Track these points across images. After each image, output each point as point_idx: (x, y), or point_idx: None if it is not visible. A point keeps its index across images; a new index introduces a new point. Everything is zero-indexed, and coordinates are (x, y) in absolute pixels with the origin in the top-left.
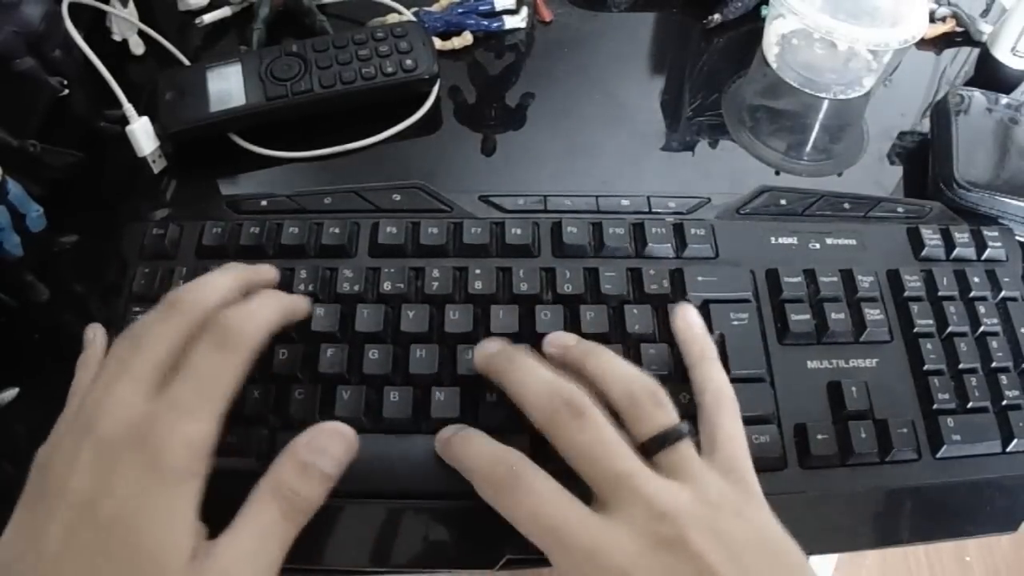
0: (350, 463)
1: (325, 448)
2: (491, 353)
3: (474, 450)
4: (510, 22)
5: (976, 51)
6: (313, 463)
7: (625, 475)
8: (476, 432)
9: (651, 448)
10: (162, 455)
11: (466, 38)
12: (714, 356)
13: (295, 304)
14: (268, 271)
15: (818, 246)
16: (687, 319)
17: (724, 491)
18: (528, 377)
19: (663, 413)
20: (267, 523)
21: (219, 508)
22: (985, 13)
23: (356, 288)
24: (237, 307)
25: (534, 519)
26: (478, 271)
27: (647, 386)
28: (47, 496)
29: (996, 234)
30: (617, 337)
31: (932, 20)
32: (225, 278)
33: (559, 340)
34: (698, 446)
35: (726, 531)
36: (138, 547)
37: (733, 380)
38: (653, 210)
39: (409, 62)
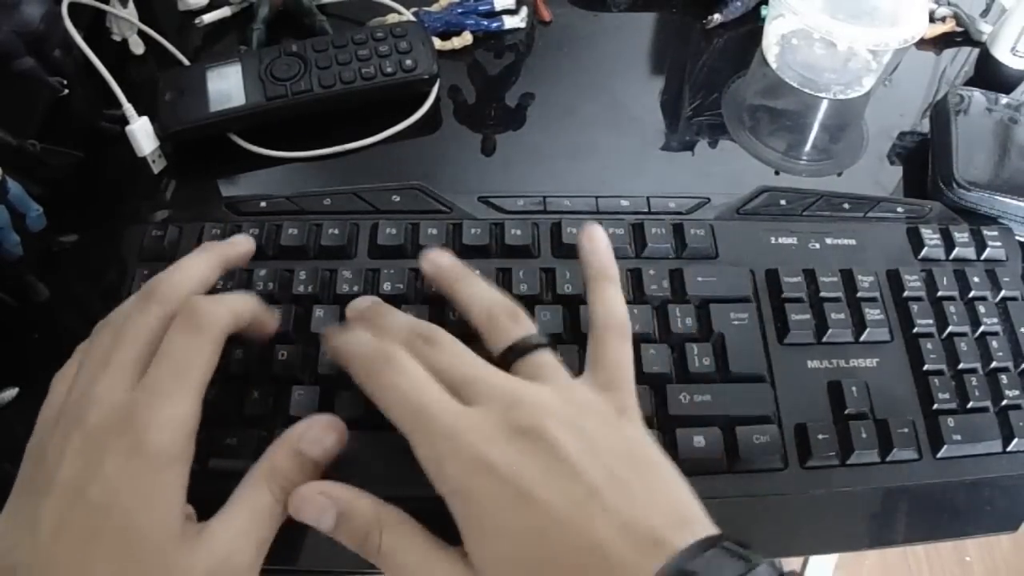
0: (347, 460)
1: (319, 439)
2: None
3: (354, 338)
4: (510, 22)
5: (976, 51)
6: (306, 452)
7: (482, 375)
8: (359, 327)
9: (507, 358)
10: (145, 438)
11: (466, 38)
12: (614, 278)
13: (266, 314)
14: (242, 242)
15: (818, 246)
16: (592, 237)
17: (592, 399)
18: (386, 321)
19: (519, 326)
20: (260, 505)
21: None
22: (985, 13)
23: (356, 289)
24: (209, 295)
25: (402, 400)
26: (478, 272)
27: (505, 305)
28: (38, 485)
29: (996, 234)
30: None
31: (932, 20)
32: (199, 262)
33: (433, 257)
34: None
35: (588, 429)
36: (128, 528)
37: (733, 380)
38: (653, 210)
39: (409, 62)
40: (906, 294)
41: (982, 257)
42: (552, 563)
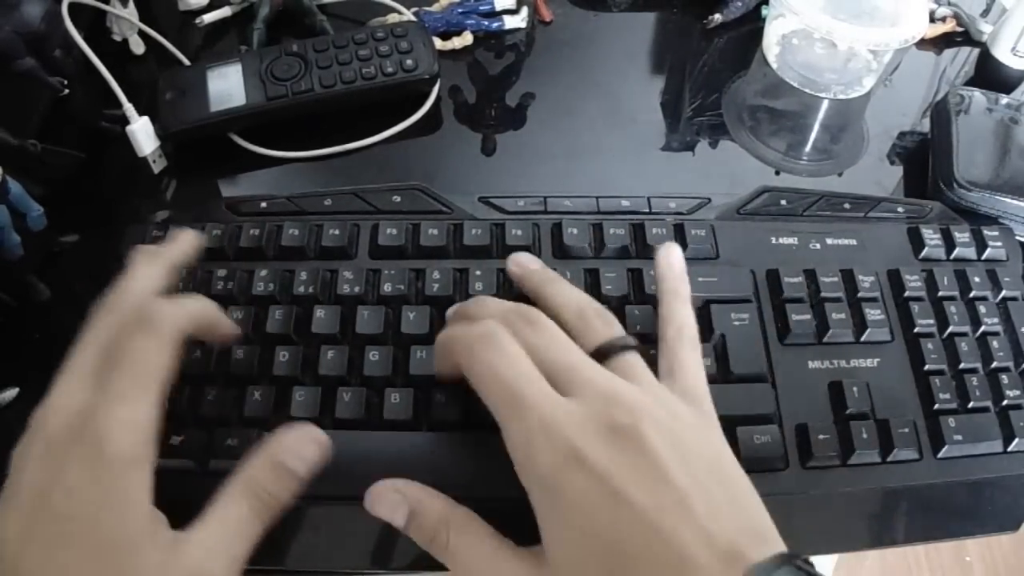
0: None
1: (299, 451)
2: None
3: (456, 327)
4: (510, 22)
5: (976, 51)
6: (286, 464)
7: (581, 366)
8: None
9: (600, 355)
10: (104, 443)
11: (466, 38)
12: (686, 296)
13: (222, 318)
14: (184, 239)
15: (818, 246)
16: (669, 257)
17: (682, 408)
18: (485, 305)
19: (609, 327)
20: (237, 519)
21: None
22: (985, 13)
23: (356, 290)
24: (161, 297)
25: (499, 381)
26: (479, 272)
27: (596, 306)
28: (6, 494)
29: (996, 234)
30: None
31: (932, 20)
32: (146, 266)
33: (523, 260)
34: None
35: (680, 437)
36: (95, 534)
37: (734, 380)
38: (653, 210)
39: (409, 62)
40: (907, 294)
41: (982, 257)
42: (632, 564)
